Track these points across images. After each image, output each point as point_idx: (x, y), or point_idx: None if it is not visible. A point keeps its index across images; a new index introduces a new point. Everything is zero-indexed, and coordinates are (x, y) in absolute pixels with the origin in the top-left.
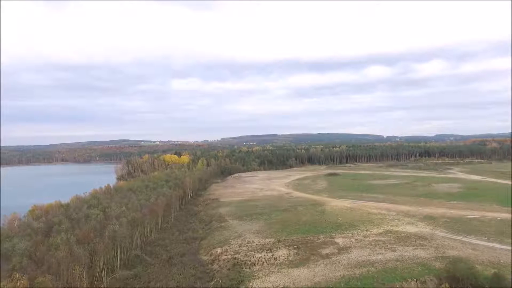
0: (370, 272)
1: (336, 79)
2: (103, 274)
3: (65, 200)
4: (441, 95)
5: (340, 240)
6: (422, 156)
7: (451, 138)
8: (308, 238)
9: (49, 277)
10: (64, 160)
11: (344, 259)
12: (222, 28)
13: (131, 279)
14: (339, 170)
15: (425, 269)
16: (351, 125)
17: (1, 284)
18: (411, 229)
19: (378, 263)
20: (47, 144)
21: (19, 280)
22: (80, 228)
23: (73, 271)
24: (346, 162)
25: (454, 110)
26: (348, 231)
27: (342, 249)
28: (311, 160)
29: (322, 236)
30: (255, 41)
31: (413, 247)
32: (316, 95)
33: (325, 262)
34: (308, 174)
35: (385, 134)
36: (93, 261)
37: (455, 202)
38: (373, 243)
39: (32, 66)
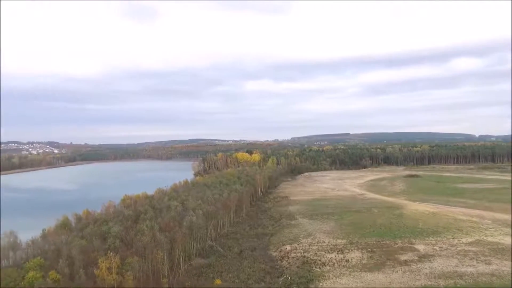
0: (458, 285)
1: (415, 74)
2: (181, 261)
3: (150, 192)
4: None
5: (421, 247)
6: None
7: None
8: (384, 242)
9: (136, 259)
10: (150, 157)
11: (426, 268)
12: (291, 30)
13: (205, 268)
14: (420, 171)
15: None
16: (434, 123)
17: (99, 260)
18: None
19: (468, 276)
20: (136, 142)
21: (113, 258)
22: (162, 217)
23: (156, 255)
24: (429, 163)
25: None
26: (430, 238)
27: (424, 257)
28: (387, 160)
29: (399, 241)
30: (325, 40)
31: None
32: (392, 91)
33: (403, 269)
34: (384, 175)
35: (477, 133)
36: (173, 248)
37: None
38: (462, 253)
39: (127, 75)
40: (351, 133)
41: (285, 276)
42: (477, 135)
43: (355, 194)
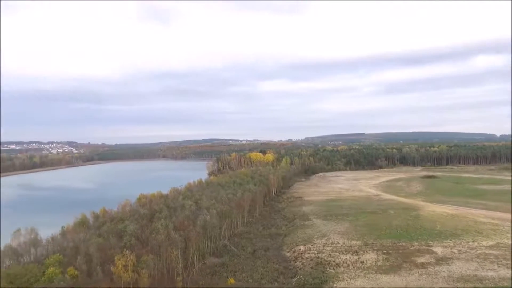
0: None
1: (433, 73)
2: (195, 259)
3: (165, 191)
4: None
5: (438, 250)
6: None
7: None
8: (400, 244)
9: (151, 257)
10: (164, 157)
11: (444, 271)
12: (306, 29)
13: (219, 267)
14: (438, 172)
15: None
16: (453, 123)
17: (116, 257)
18: None
19: (488, 280)
20: (151, 142)
21: (129, 256)
22: (177, 216)
23: (171, 254)
24: (447, 163)
25: None
26: (448, 240)
27: (442, 260)
28: (404, 160)
29: (416, 243)
30: (340, 39)
31: None
32: (409, 90)
33: (420, 272)
34: (401, 175)
35: (498, 132)
36: (187, 247)
37: None
38: (482, 256)
39: (142, 76)
40: (366, 132)
41: (298, 277)
42: (498, 135)
43: (370, 195)
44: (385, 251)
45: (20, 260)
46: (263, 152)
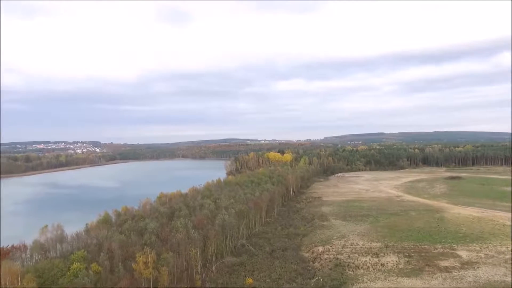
0: None
1: (457, 70)
2: (213, 258)
3: (184, 190)
4: None
5: (463, 253)
6: None
7: None
8: (422, 246)
9: (171, 254)
10: (184, 157)
11: (470, 276)
12: (323, 28)
13: (237, 266)
14: (463, 173)
15: None
16: (479, 122)
17: (137, 254)
18: None
19: None
20: (171, 142)
21: (149, 253)
22: (196, 215)
23: (190, 252)
24: (473, 164)
25: None
26: (474, 244)
27: (467, 264)
28: (426, 161)
29: (439, 246)
30: (359, 37)
31: None
32: (431, 89)
33: (443, 276)
34: (423, 176)
35: None
36: (206, 246)
37: None
38: (510, 261)
39: (161, 77)
40: (387, 132)
41: (317, 278)
42: None
43: (392, 196)
44: (406, 254)
45: (47, 255)
46: (281, 152)
